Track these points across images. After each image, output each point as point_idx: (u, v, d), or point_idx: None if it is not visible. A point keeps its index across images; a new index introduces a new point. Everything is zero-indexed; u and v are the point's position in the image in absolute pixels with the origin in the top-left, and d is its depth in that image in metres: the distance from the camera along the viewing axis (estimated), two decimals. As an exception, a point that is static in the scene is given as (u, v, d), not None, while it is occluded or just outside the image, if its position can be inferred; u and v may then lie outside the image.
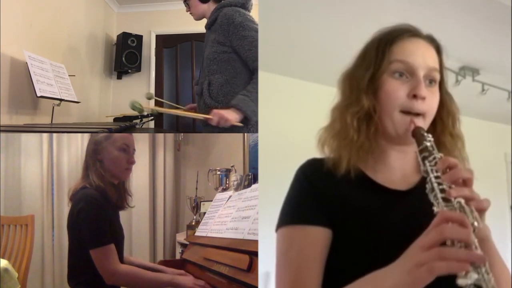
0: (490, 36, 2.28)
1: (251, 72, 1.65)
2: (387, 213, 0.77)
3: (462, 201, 0.64)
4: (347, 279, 0.69)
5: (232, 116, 1.54)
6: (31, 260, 2.08)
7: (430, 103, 0.79)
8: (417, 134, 0.75)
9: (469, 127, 0.89)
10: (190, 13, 1.84)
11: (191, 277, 1.40)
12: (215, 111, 1.56)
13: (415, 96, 0.77)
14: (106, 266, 1.34)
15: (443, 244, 0.59)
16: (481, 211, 0.65)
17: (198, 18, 1.84)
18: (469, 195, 0.65)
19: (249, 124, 1.59)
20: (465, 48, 2.42)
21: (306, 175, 0.83)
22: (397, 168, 0.83)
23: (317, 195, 0.80)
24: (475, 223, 0.62)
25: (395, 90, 0.78)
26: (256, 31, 1.63)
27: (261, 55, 1.62)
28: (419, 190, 0.78)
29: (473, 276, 0.56)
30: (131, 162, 1.49)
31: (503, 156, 3.84)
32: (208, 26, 1.77)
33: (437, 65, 0.81)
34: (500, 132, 3.47)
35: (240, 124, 1.56)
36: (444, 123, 0.84)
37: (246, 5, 1.74)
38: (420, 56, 0.79)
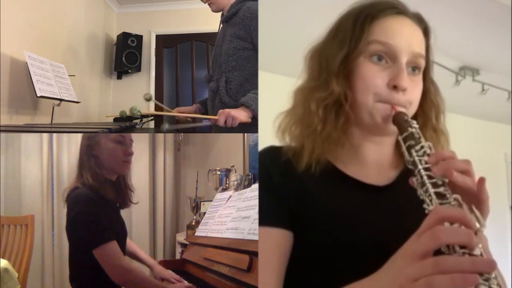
0: (490, 36, 2.27)
1: None
2: (360, 211, 0.67)
3: (460, 197, 0.53)
4: None
5: (240, 114, 1.47)
6: (31, 260, 2.08)
7: (412, 95, 0.67)
8: (399, 120, 0.64)
9: (469, 127, 0.88)
10: (209, 4, 1.72)
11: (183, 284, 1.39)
12: (221, 110, 1.50)
13: (395, 87, 0.65)
14: (111, 262, 1.28)
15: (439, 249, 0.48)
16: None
17: (218, 10, 1.73)
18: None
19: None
20: (465, 48, 2.41)
21: (264, 165, 0.71)
22: (372, 161, 0.72)
23: (276, 190, 0.69)
24: (477, 225, 0.51)
25: (372, 77, 0.66)
26: None
27: (261, 55, 1.61)
28: (398, 186, 0.70)
29: None
30: (128, 153, 1.39)
31: (503, 156, 3.84)
32: (226, 19, 1.68)
33: (423, 50, 0.69)
34: (500, 132, 3.46)
35: (249, 120, 1.49)
36: (426, 115, 0.73)
37: None
38: (405, 39, 0.67)
